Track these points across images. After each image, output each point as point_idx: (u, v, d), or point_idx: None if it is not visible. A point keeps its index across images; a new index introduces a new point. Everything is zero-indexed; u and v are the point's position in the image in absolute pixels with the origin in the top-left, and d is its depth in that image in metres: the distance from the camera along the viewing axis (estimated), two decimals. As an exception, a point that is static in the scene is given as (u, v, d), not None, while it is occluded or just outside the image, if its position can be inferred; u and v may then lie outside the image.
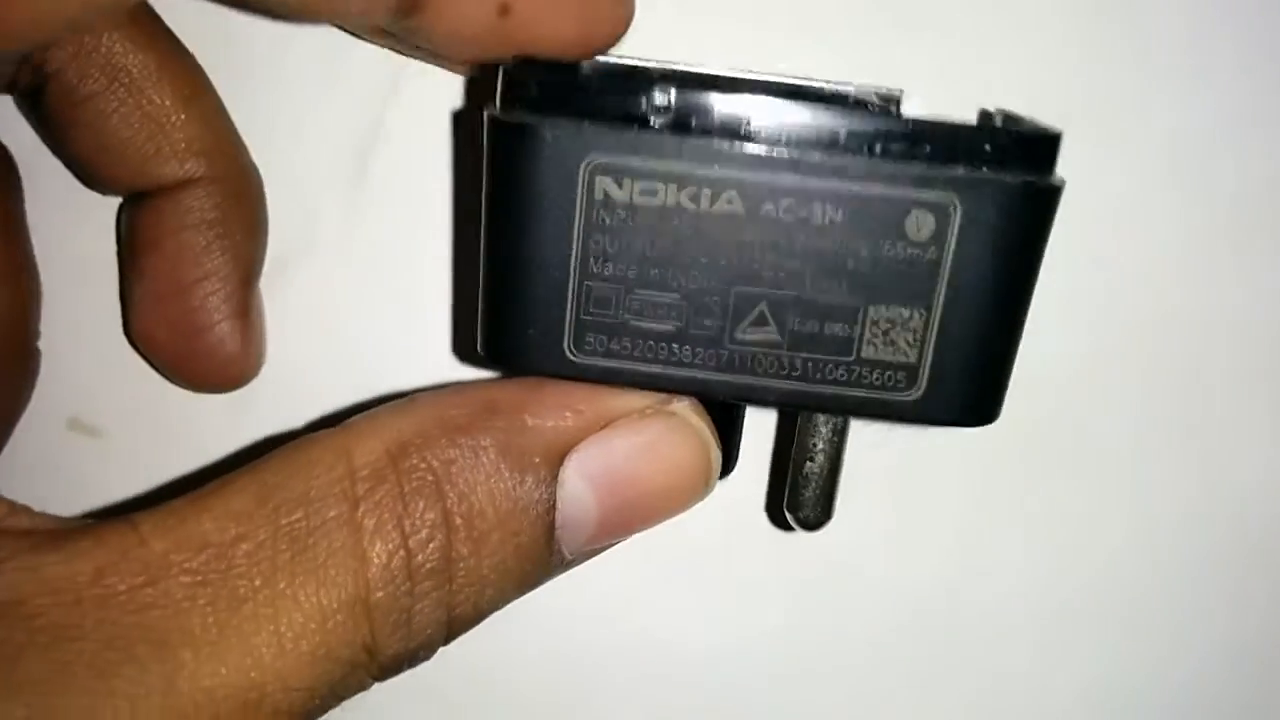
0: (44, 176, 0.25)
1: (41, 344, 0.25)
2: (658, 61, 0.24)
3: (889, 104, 0.24)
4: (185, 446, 0.28)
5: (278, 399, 0.27)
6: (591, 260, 0.19)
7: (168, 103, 0.23)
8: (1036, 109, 0.21)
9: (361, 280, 0.27)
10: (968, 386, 0.20)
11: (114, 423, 0.28)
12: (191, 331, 0.25)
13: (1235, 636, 0.29)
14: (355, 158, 0.26)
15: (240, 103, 0.25)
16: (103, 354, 0.27)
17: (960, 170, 0.19)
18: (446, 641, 0.20)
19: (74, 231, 0.26)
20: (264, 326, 0.26)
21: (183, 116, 0.23)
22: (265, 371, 0.27)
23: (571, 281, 0.19)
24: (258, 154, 0.25)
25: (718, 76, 0.24)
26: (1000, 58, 0.25)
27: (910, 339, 0.20)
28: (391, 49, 0.25)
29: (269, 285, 0.26)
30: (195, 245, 0.24)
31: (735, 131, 0.19)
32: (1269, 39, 0.25)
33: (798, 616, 0.29)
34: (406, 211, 0.26)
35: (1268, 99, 0.25)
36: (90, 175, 0.25)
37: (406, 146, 0.26)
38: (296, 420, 0.27)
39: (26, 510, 0.18)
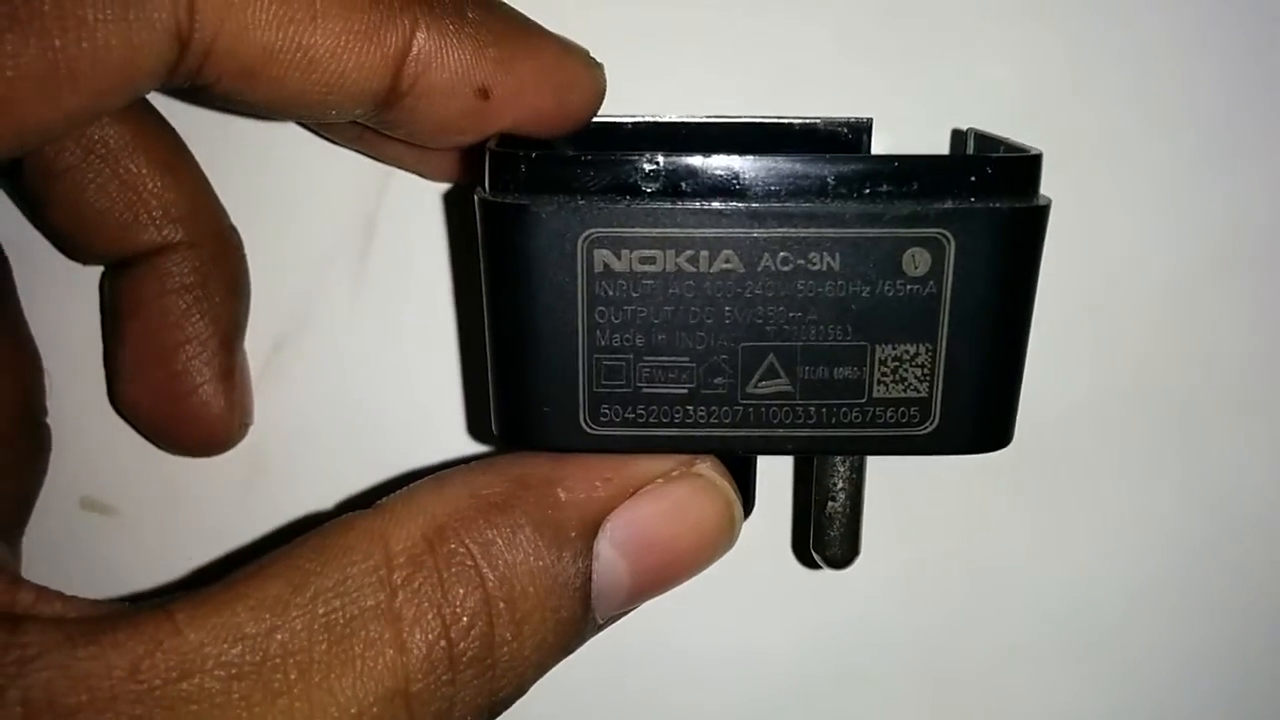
0: (33, 249, 0.25)
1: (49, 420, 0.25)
2: (630, 117, 0.24)
3: (860, 132, 0.25)
4: (199, 522, 0.28)
5: (289, 474, 0.27)
6: (598, 332, 0.19)
7: (144, 171, 0.23)
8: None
9: (372, 354, 0.27)
10: (981, 413, 0.20)
11: (127, 500, 0.28)
12: (175, 395, 0.25)
13: (1239, 667, 0.29)
14: (361, 232, 0.26)
15: (243, 181, 0.25)
16: (112, 430, 0.27)
17: (949, 203, 0.19)
18: None
19: (68, 305, 0.26)
20: (249, 388, 0.26)
21: (159, 183, 0.24)
22: (277, 446, 0.27)
23: (581, 356, 0.20)
24: (261, 231, 0.25)
25: (691, 124, 0.24)
26: (987, 89, 0.26)
27: (920, 374, 0.20)
28: (367, 155, 0.25)
29: (278, 361, 0.26)
30: (176, 310, 0.24)
31: (726, 190, 0.19)
32: (1258, 71, 0.25)
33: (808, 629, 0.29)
34: (414, 286, 0.27)
35: (1257, 131, 0.26)
36: (70, 246, 0.25)
37: (409, 224, 0.26)
38: (307, 494, 0.27)
39: (58, 596, 0.18)
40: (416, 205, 0.26)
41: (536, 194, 0.19)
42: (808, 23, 0.26)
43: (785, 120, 0.25)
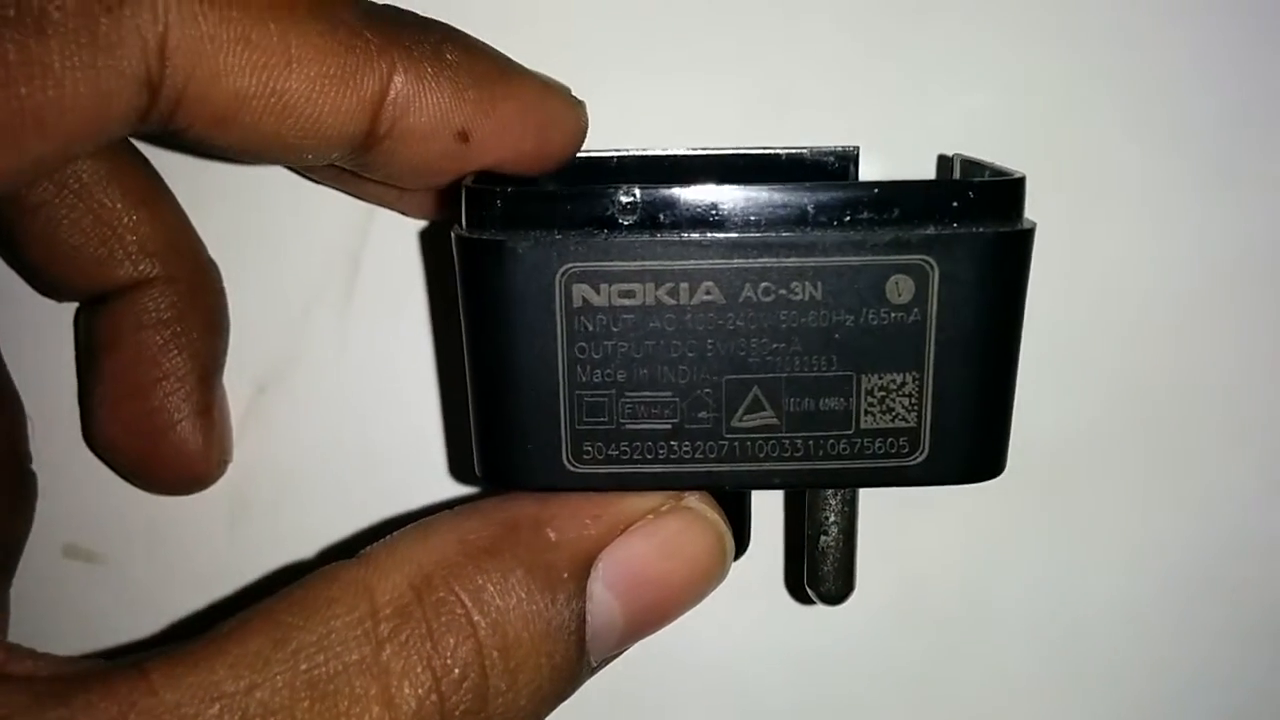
0: (7, 287, 0.25)
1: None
2: (615, 150, 0.24)
3: (847, 161, 0.24)
4: (185, 567, 0.27)
5: (275, 517, 0.27)
6: (579, 368, 0.19)
7: (119, 205, 0.23)
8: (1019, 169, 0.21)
9: (358, 394, 0.27)
10: (971, 442, 0.20)
11: (111, 547, 0.28)
12: (152, 432, 0.24)
13: (1238, 692, 0.29)
14: (345, 270, 0.26)
15: (227, 220, 0.25)
16: (93, 475, 0.26)
17: (931, 229, 0.19)
18: None
19: (45, 346, 0.26)
20: (228, 425, 0.26)
21: (134, 218, 0.23)
22: (262, 489, 0.26)
23: (562, 393, 0.19)
24: (245, 270, 0.25)
25: (676, 156, 0.24)
26: (977, 112, 0.26)
27: (907, 403, 0.19)
28: (345, 191, 0.25)
29: (261, 403, 0.26)
30: (152, 345, 0.24)
31: (704, 221, 0.19)
32: (1248, 95, 0.25)
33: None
34: (399, 325, 0.26)
35: (1251, 154, 0.26)
36: (44, 282, 0.25)
37: (393, 262, 0.26)
38: (293, 537, 0.27)
39: (30, 654, 0.17)
40: (401, 243, 0.26)
41: (513, 229, 0.19)
42: (797, 49, 0.25)
43: (771, 150, 0.24)
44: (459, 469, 0.27)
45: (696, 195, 0.19)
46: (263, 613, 0.18)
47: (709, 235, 0.19)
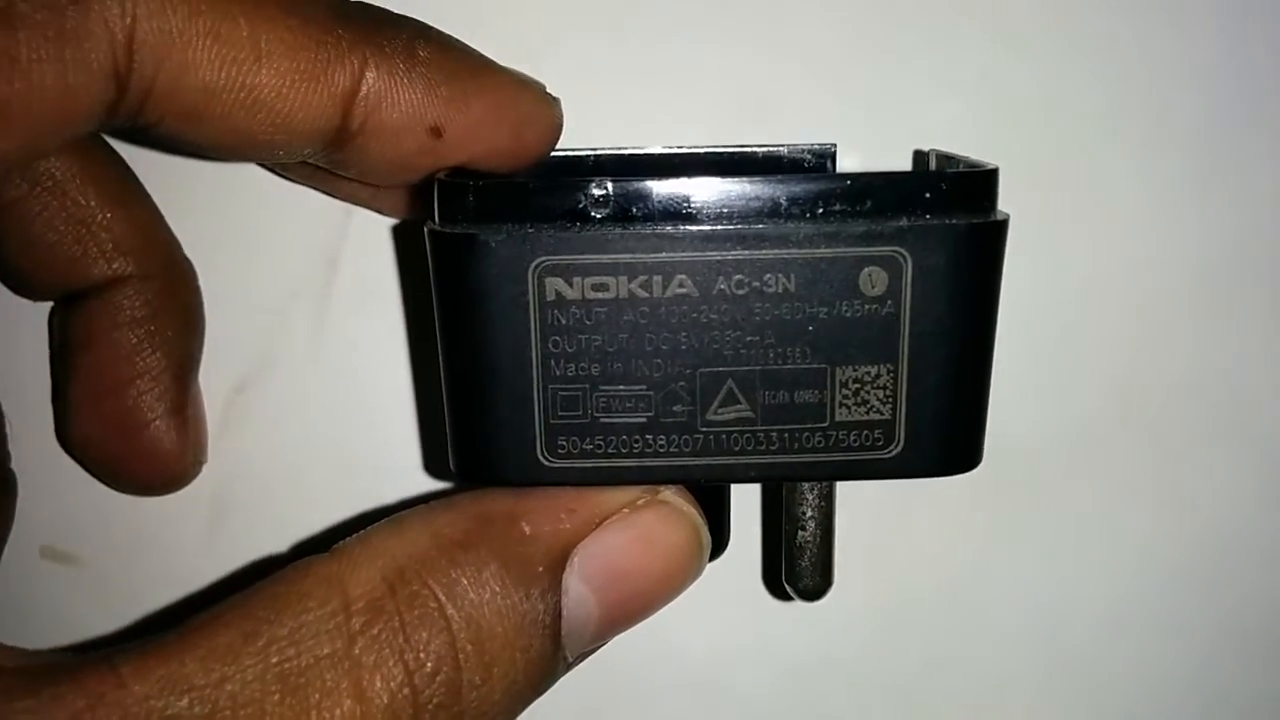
0: None
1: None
2: (592, 149, 0.24)
3: (824, 159, 0.25)
4: (163, 570, 0.27)
5: (255, 517, 0.27)
6: (552, 362, 0.19)
7: (93, 202, 0.23)
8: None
9: (337, 393, 0.27)
10: (946, 435, 0.20)
11: (88, 549, 0.27)
12: (126, 431, 0.24)
13: (1220, 691, 0.29)
14: (323, 270, 0.26)
15: (204, 219, 0.25)
16: (72, 478, 0.26)
17: (904, 221, 0.19)
18: None
19: (20, 346, 0.26)
20: (204, 424, 0.26)
21: (108, 215, 0.23)
22: (241, 489, 0.26)
23: (535, 387, 0.19)
24: (223, 270, 0.25)
25: (654, 155, 0.24)
26: (955, 115, 0.26)
27: (882, 395, 0.19)
28: (320, 190, 0.25)
29: (240, 402, 0.26)
30: (127, 344, 0.24)
31: (677, 213, 0.19)
32: (1229, 100, 0.25)
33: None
34: (378, 323, 0.26)
35: (1232, 154, 0.26)
36: (17, 281, 0.24)
37: (372, 260, 0.26)
38: (273, 538, 0.27)
39: None
40: (379, 242, 0.26)
41: (485, 223, 0.19)
42: (777, 55, 0.25)
43: (749, 149, 0.24)
44: (435, 466, 0.27)
45: (669, 188, 0.19)
46: (234, 607, 0.18)
47: (682, 228, 0.19)
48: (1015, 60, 0.25)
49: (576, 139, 0.23)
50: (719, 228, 0.19)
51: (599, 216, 0.19)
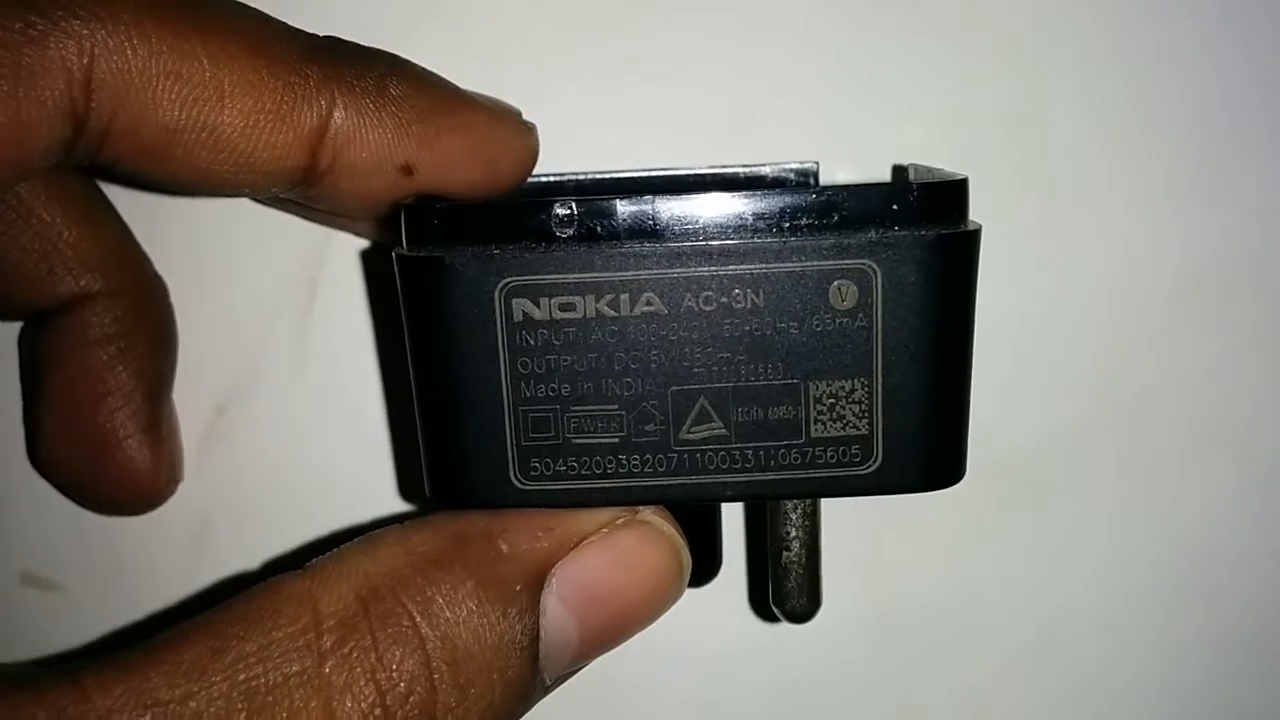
0: None
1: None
2: (570, 174, 0.24)
3: (806, 177, 0.24)
4: (144, 594, 0.27)
5: (236, 540, 0.27)
6: (522, 384, 0.19)
7: (58, 220, 0.23)
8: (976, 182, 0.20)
9: (318, 415, 0.26)
10: (926, 449, 0.19)
11: (68, 574, 0.27)
12: (98, 450, 0.24)
13: (1214, 700, 0.28)
14: (303, 292, 0.26)
15: (184, 242, 0.25)
16: (50, 504, 0.26)
17: (873, 233, 0.18)
18: None
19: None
20: (178, 442, 0.26)
21: (74, 233, 0.23)
22: (223, 512, 0.26)
23: (506, 408, 0.19)
24: (202, 293, 0.25)
25: (637, 178, 0.24)
26: (939, 127, 0.25)
27: (858, 410, 0.19)
28: (298, 215, 0.25)
29: (220, 425, 0.26)
30: (96, 361, 0.23)
31: (643, 231, 0.19)
32: (1210, 113, 0.25)
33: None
34: (357, 345, 0.26)
35: (1216, 161, 0.25)
36: None
37: (351, 283, 0.26)
38: (255, 560, 0.27)
39: None
40: (359, 264, 0.26)
41: (451, 246, 0.19)
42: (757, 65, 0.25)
43: (730, 169, 0.24)
44: (409, 489, 0.27)
45: (634, 206, 0.19)
46: (202, 623, 0.18)
47: (647, 245, 0.19)
48: (995, 70, 0.25)
49: (556, 165, 0.23)
50: (686, 244, 0.19)
51: (564, 236, 0.19)
